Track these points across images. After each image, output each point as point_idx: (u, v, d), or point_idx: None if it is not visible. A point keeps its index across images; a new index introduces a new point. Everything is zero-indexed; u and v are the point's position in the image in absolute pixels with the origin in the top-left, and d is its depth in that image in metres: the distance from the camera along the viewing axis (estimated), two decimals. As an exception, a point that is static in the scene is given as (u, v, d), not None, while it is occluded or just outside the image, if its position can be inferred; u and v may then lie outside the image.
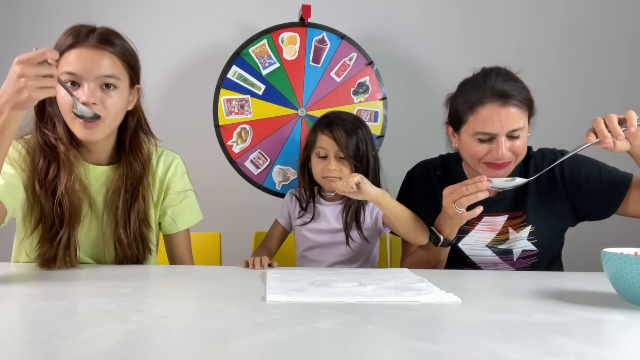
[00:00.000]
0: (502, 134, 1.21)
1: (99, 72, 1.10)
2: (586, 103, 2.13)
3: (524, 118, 1.24)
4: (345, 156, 1.39)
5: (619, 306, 0.83)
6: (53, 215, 1.12)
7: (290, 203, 1.53)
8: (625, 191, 1.28)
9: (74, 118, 1.10)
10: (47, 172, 1.12)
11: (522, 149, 1.25)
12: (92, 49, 1.11)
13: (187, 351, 0.58)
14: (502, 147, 1.21)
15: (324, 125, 1.43)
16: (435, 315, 0.77)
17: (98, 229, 1.22)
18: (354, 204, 1.43)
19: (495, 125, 1.22)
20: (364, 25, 2.08)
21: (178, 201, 1.32)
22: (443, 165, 1.43)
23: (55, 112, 1.15)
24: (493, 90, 1.23)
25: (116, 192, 1.20)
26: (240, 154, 1.84)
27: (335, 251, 1.45)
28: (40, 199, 1.12)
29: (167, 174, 1.31)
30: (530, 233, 1.33)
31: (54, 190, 1.12)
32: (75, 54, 1.10)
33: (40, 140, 1.14)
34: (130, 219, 1.20)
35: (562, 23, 2.14)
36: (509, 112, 1.21)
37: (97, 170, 1.21)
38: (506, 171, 1.26)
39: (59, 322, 0.69)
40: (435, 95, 1.39)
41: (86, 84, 1.09)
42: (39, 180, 1.12)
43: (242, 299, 0.83)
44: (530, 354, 0.59)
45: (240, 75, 1.82)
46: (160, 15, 2.04)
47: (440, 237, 1.26)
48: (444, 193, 1.20)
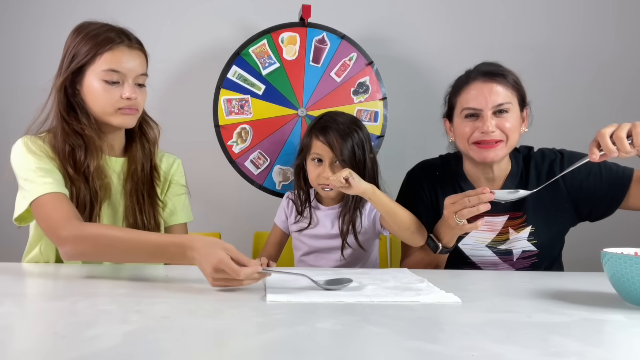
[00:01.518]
0: (487, 109, 1.25)
1: (138, 71, 1.22)
2: (588, 103, 2.14)
3: (510, 96, 1.27)
4: (341, 162, 1.36)
5: (619, 306, 0.83)
6: (87, 196, 1.18)
7: (287, 207, 1.52)
8: (627, 188, 1.28)
9: (116, 110, 1.20)
10: (75, 157, 1.19)
11: (511, 130, 1.26)
12: (132, 49, 1.21)
13: (187, 351, 0.58)
14: (488, 121, 1.24)
15: (318, 130, 1.39)
16: (435, 315, 0.77)
17: (113, 214, 1.27)
18: (350, 211, 1.40)
19: (480, 100, 1.26)
20: (364, 25, 2.08)
21: (179, 193, 1.39)
22: (443, 166, 1.44)
23: (79, 102, 1.21)
24: (478, 71, 1.30)
25: (131, 175, 1.28)
26: (240, 154, 1.85)
27: (333, 256, 1.43)
28: (75, 182, 1.17)
29: (170, 170, 1.39)
30: (531, 234, 1.33)
31: (84, 172, 1.19)
32: (119, 54, 1.19)
33: (67, 128, 1.19)
34: (144, 199, 1.28)
35: (563, 23, 2.14)
36: (492, 88, 1.26)
37: (111, 161, 1.28)
38: (498, 152, 1.27)
39: (59, 322, 0.69)
40: (435, 95, 1.39)
41: (128, 81, 1.20)
42: (71, 166, 1.18)
43: (242, 299, 0.83)
44: (530, 354, 0.59)
45: (240, 75, 1.82)
46: (160, 15, 2.04)
47: (439, 244, 1.26)
48: (445, 203, 1.19)
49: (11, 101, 1.99)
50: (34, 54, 1.99)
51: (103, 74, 1.18)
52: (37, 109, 1.23)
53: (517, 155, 1.38)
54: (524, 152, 1.39)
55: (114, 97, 1.19)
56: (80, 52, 1.18)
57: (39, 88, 1.23)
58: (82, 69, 1.19)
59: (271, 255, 1.50)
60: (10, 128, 1.52)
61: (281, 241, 1.54)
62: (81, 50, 1.18)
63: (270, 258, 1.46)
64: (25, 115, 1.25)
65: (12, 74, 2.00)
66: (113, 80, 1.19)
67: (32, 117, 1.23)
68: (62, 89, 1.19)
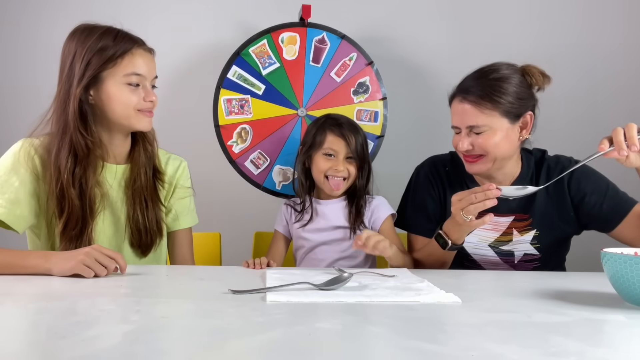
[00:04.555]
0: (463, 127, 1.27)
1: (154, 73, 1.26)
2: (590, 104, 2.13)
3: (486, 115, 1.24)
4: (354, 156, 1.46)
5: (619, 306, 0.83)
6: (79, 211, 1.18)
7: (286, 212, 1.55)
8: (623, 217, 1.28)
9: (137, 113, 1.22)
10: (73, 170, 1.17)
11: (491, 145, 1.25)
12: (146, 51, 1.24)
13: (187, 351, 0.58)
14: (461, 140, 1.27)
15: (333, 126, 1.47)
16: (435, 315, 0.77)
17: (115, 222, 1.27)
18: (355, 201, 1.47)
19: (456, 118, 1.29)
20: (364, 25, 2.08)
21: (184, 196, 1.39)
22: (452, 161, 1.43)
23: (91, 109, 1.20)
24: (461, 86, 1.31)
25: (134, 180, 1.27)
26: (240, 154, 1.84)
27: (336, 248, 1.46)
28: (70, 197, 1.17)
29: (175, 173, 1.38)
30: (534, 237, 1.33)
31: (80, 184, 1.18)
32: (139, 57, 1.21)
33: (81, 141, 1.18)
34: (147, 202, 1.29)
35: (564, 23, 2.14)
36: (464, 107, 1.27)
37: (112, 169, 1.27)
38: (481, 166, 1.28)
39: (59, 322, 0.69)
40: (435, 95, 1.40)
41: (146, 84, 1.23)
42: (68, 180, 1.16)
43: (242, 299, 0.83)
44: (530, 354, 0.59)
45: (240, 75, 1.82)
46: (160, 15, 2.04)
47: (449, 241, 1.24)
48: (452, 200, 1.18)
49: (14, 103, 2.00)
50: (36, 54, 1.99)
51: (126, 77, 1.19)
52: (42, 113, 1.21)
53: (529, 158, 1.36)
54: (536, 155, 1.38)
55: (135, 99, 1.21)
56: (94, 58, 1.15)
57: (45, 93, 1.23)
58: (98, 75, 1.17)
59: (275, 261, 1.52)
60: (14, 129, 1.52)
61: (284, 246, 1.56)
62: (95, 56, 1.15)
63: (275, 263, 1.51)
64: (27, 116, 1.25)
65: (12, 75, 2.01)
66: (135, 83, 1.20)
67: (36, 119, 1.21)
68: (78, 97, 1.16)
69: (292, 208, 1.53)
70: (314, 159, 1.48)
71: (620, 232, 1.29)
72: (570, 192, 1.32)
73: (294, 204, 1.54)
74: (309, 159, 1.50)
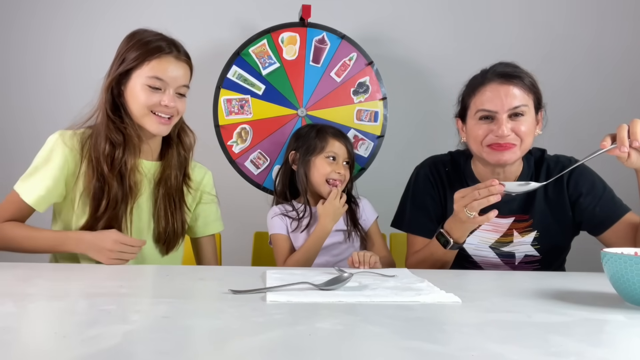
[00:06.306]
0: (502, 112, 1.23)
1: (180, 81, 1.29)
2: (592, 105, 2.13)
3: (527, 99, 1.24)
4: (350, 162, 1.52)
5: (619, 306, 0.83)
6: (118, 194, 1.24)
7: (282, 222, 1.51)
8: (614, 222, 1.28)
9: (149, 114, 1.26)
10: (113, 154, 1.24)
11: (526, 134, 1.24)
12: (179, 60, 1.28)
13: (187, 351, 0.58)
14: (504, 125, 1.22)
15: (332, 131, 1.53)
16: (435, 315, 0.77)
17: (138, 215, 1.31)
18: (349, 204, 1.51)
19: (496, 102, 1.23)
20: (364, 25, 2.08)
21: (210, 203, 1.44)
22: (452, 162, 1.43)
23: (123, 103, 1.28)
24: (495, 72, 1.27)
25: (165, 180, 1.33)
26: (240, 154, 1.84)
27: (333, 251, 1.46)
28: (108, 180, 1.23)
29: (202, 181, 1.45)
30: (535, 239, 1.33)
31: (120, 170, 1.25)
32: (166, 63, 1.26)
33: (111, 126, 1.26)
34: (175, 205, 1.34)
35: (565, 23, 2.14)
36: (509, 90, 1.23)
37: (146, 164, 1.33)
38: (511, 155, 1.25)
39: (59, 322, 0.69)
40: (435, 95, 1.40)
41: (169, 90, 1.26)
42: (108, 163, 1.24)
43: (242, 299, 0.83)
44: (530, 354, 0.59)
45: (240, 75, 1.82)
46: (160, 15, 2.04)
47: (450, 240, 1.24)
48: (455, 197, 1.18)
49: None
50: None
51: (147, 79, 1.24)
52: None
53: (529, 157, 1.36)
54: (536, 154, 1.38)
55: (152, 100, 1.25)
56: (130, 56, 1.25)
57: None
58: (129, 72, 1.25)
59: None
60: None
61: (290, 248, 1.52)
62: (130, 54, 1.25)
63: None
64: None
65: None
66: (156, 87, 1.25)
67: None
68: (109, 89, 1.26)
69: (287, 216, 1.51)
70: (314, 162, 1.49)
71: (608, 238, 1.29)
72: (569, 191, 1.32)
73: (286, 212, 1.52)
74: (306, 163, 1.49)
